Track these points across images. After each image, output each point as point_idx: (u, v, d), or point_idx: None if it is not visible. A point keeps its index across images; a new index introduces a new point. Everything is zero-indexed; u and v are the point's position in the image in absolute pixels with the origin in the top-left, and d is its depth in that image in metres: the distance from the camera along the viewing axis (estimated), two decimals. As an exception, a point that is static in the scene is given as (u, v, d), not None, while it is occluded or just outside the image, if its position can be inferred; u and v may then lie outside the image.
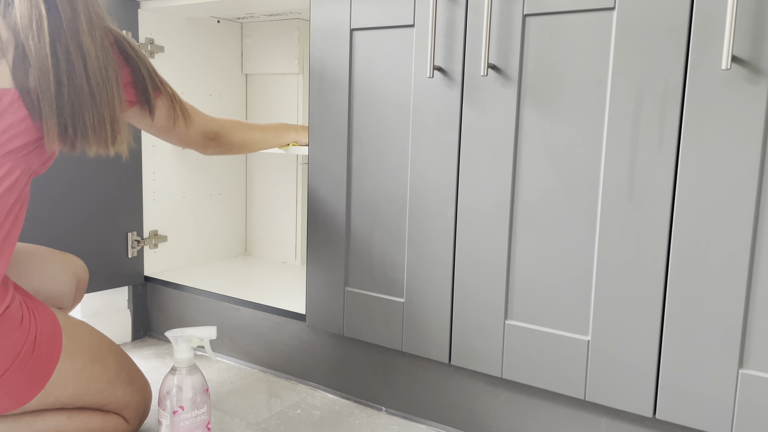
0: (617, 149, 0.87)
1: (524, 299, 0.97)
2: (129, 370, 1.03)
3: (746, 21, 0.77)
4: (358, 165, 1.11)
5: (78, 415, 0.96)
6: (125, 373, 1.02)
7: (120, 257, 1.46)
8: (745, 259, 0.80)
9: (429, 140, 1.02)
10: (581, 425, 0.98)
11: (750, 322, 0.81)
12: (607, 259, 0.89)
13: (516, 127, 0.94)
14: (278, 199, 1.74)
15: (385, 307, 1.11)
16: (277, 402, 1.21)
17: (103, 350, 0.99)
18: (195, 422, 0.95)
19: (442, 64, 0.99)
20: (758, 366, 0.81)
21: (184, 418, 0.94)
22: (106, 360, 0.99)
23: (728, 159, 0.80)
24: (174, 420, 0.93)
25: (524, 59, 0.93)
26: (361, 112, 1.09)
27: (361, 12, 1.07)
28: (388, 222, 1.09)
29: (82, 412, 0.97)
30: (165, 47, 1.52)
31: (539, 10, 0.90)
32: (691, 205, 0.82)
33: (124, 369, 1.02)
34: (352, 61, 1.09)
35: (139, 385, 1.04)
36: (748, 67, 0.77)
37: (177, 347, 0.95)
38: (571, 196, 0.91)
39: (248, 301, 1.34)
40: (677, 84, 0.82)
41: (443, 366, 1.11)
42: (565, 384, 0.95)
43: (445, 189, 1.02)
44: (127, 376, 1.02)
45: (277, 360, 1.33)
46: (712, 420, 0.84)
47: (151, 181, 1.53)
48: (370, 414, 1.18)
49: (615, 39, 0.85)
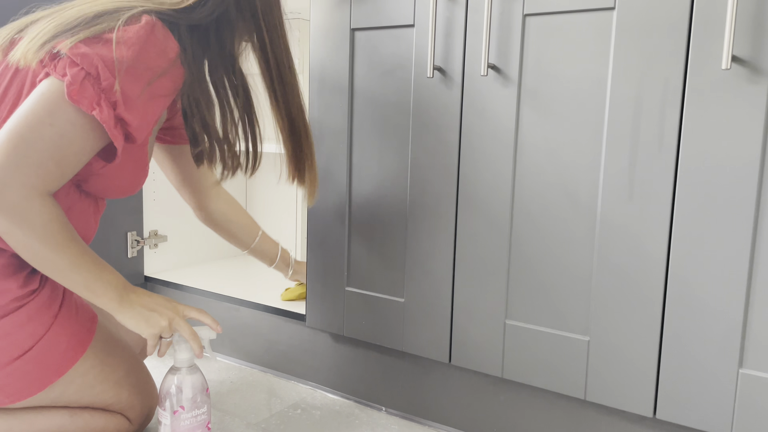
0: (617, 149, 0.87)
1: (524, 299, 0.97)
2: (138, 373, 1.02)
3: (746, 21, 0.77)
4: (358, 165, 1.11)
5: (81, 413, 0.96)
6: (134, 376, 1.01)
7: (120, 257, 1.46)
8: (745, 259, 0.80)
9: (429, 140, 1.02)
10: (581, 425, 0.98)
11: (750, 322, 0.81)
12: (607, 258, 0.89)
13: (516, 127, 0.94)
14: (278, 199, 1.74)
15: (385, 307, 1.11)
16: (277, 402, 1.21)
17: (117, 352, 0.99)
18: (195, 422, 0.95)
19: (442, 64, 0.99)
20: (758, 366, 0.81)
21: (185, 417, 0.94)
22: (117, 362, 0.98)
23: (728, 159, 0.80)
24: (174, 420, 0.93)
25: (524, 59, 0.93)
26: (361, 112, 1.09)
27: (361, 12, 1.07)
28: (388, 222, 1.09)
29: (85, 410, 0.96)
30: (165, 47, 1.51)
31: (539, 10, 0.90)
32: (692, 205, 0.82)
33: (133, 372, 1.01)
34: (352, 61, 1.09)
35: (145, 388, 1.03)
36: (748, 67, 0.77)
37: (177, 347, 0.95)
38: (571, 196, 0.91)
39: (248, 301, 1.34)
40: (677, 84, 0.82)
41: (443, 366, 1.11)
42: (565, 384, 0.95)
43: (445, 189, 1.02)
44: (135, 379, 1.01)
45: (277, 360, 1.33)
46: (712, 420, 0.84)
47: (151, 181, 1.53)
48: (370, 414, 1.18)
49: (615, 39, 0.85)
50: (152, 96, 0.85)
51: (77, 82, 0.80)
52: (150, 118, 0.87)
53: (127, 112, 0.83)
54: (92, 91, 0.80)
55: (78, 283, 0.85)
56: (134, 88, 0.83)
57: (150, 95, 0.85)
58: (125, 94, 0.82)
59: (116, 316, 0.90)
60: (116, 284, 0.89)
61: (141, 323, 0.91)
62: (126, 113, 0.83)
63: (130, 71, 0.82)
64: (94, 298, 0.87)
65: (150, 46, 0.83)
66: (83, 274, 0.85)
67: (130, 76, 0.82)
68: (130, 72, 0.82)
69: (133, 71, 0.82)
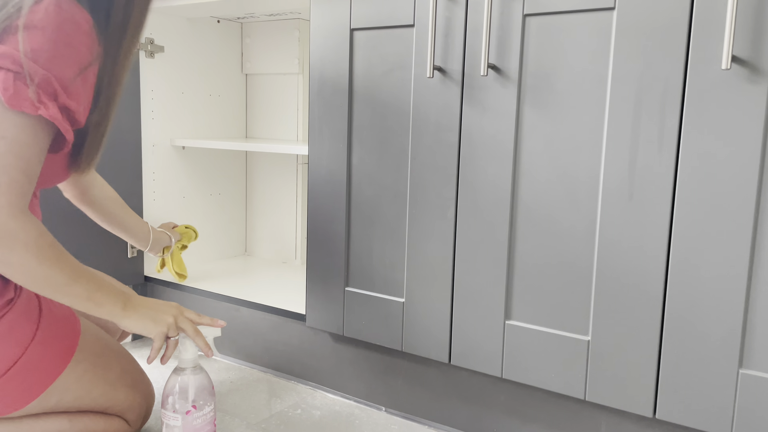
0: (617, 149, 0.87)
1: (524, 299, 0.97)
2: (132, 373, 1.02)
3: (746, 21, 0.77)
4: (358, 165, 1.11)
5: (80, 418, 0.95)
6: (129, 375, 1.00)
7: (120, 257, 1.46)
8: (745, 258, 0.80)
9: (429, 140, 1.02)
10: (581, 425, 0.98)
11: (750, 322, 0.81)
12: (607, 258, 0.89)
13: (516, 127, 0.94)
14: (278, 199, 1.74)
15: (385, 307, 1.11)
16: (277, 402, 1.21)
17: (107, 353, 0.98)
18: (205, 420, 0.96)
19: (442, 64, 0.99)
20: (758, 366, 0.81)
21: (196, 416, 0.94)
22: (110, 363, 0.98)
23: (728, 159, 0.80)
24: (187, 420, 0.93)
25: (524, 59, 0.93)
26: (361, 112, 1.09)
27: (361, 12, 1.07)
28: (388, 222, 1.09)
29: (84, 415, 0.96)
30: (165, 47, 1.51)
31: (539, 10, 0.90)
32: (692, 205, 0.82)
33: (127, 372, 1.00)
34: (352, 61, 1.09)
35: (141, 387, 1.03)
36: (748, 67, 0.77)
37: (183, 347, 0.95)
38: (571, 196, 0.91)
39: (248, 301, 1.34)
40: (677, 84, 0.82)
41: (443, 366, 1.11)
42: (565, 384, 0.95)
43: (444, 189, 1.02)
44: (131, 378, 1.01)
45: (277, 360, 1.33)
46: (712, 420, 0.84)
47: (151, 181, 1.53)
48: (370, 414, 1.18)
49: (615, 39, 0.85)
50: (82, 73, 0.81)
51: (9, 86, 0.75)
52: (88, 96, 0.84)
53: (69, 99, 0.79)
54: (27, 91, 0.76)
55: (79, 295, 0.83)
56: (66, 71, 0.79)
57: (81, 74, 0.81)
58: (60, 81, 0.78)
59: (121, 323, 0.89)
60: (116, 291, 0.88)
61: (148, 324, 0.90)
62: (68, 101, 0.79)
63: (56, 56, 0.77)
64: (95, 308, 0.85)
65: (64, 24, 0.78)
66: (83, 285, 0.83)
67: (57, 60, 0.78)
68: (55, 57, 0.77)
69: (58, 55, 0.78)
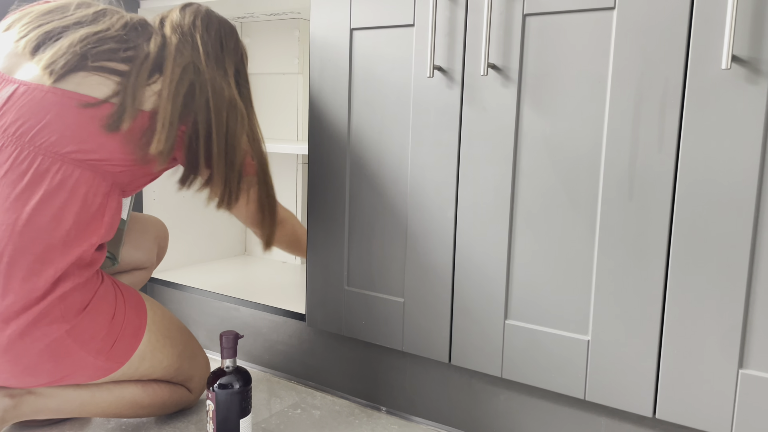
0: (617, 149, 0.87)
1: (524, 299, 0.97)
2: (193, 346, 1.12)
3: (746, 21, 0.77)
4: (358, 165, 1.11)
5: (150, 385, 1.07)
6: (190, 348, 1.11)
7: (120, 257, 1.46)
8: (745, 258, 0.80)
9: (429, 140, 1.02)
10: (581, 425, 0.98)
11: (750, 322, 0.81)
12: (607, 258, 0.89)
13: (516, 127, 0.94)
14: (278, 198, 1.74)
15: (385, 307, 1.11)
16: (277, 402, 1.21)
17: (173, 327, 1.08)
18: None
19: (442, 64, 0.99)
20: (758, 366, 0.81)
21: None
22: (176, 336, 1.08)
23: (728, 158, 0.80)
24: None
25: (524, 59, 0.93)
26: (361, 111, 1.09)
27: (361, 12, 1.07)
28: (388, 222, 1.09)
29: (154, 383, 1.08)
30: (165, 47, 1.51)
31: (539, 10, 0.90)
32: (691, 205, 0.82)
33: (189, 345, 1.11)
34: (352, 61, 1.09)
35: (200, 359, 1.14)
36: (748, 67, 0.77)
37: None
38: (571, 195, 0.91)
39: (248, 301, 1.34)
40: (677, 84, 0.82)
41: (443, 366, 1.11)
42: (565, 384, 0.95)
43: (444, 188, 1.02)
44: (192, 351, 1.11)
45: (277, 360, 1.33)
46: (712, 420, 0.84)
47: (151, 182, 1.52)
48: (370, 414, 1.18)
49: (615, 39, 0.85)
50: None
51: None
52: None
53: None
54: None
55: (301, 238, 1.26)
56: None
57: None
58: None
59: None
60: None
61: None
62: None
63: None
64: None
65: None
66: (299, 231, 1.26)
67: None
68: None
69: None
